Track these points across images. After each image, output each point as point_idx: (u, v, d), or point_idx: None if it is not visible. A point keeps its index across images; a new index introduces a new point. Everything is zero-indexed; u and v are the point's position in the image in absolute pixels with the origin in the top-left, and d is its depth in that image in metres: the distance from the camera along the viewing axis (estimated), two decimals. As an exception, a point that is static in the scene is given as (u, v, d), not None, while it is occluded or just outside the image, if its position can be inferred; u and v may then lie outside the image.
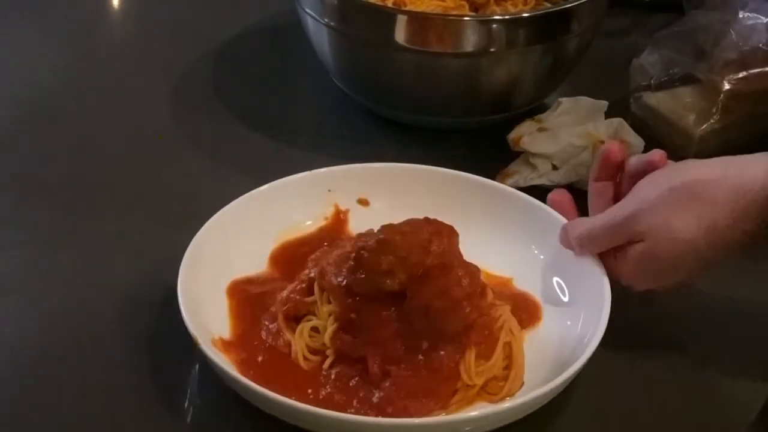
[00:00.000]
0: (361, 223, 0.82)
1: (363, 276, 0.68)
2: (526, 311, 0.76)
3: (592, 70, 1.02)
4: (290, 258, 0.80)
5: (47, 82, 1.07)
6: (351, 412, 0.67)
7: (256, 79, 1.07)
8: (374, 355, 0.69)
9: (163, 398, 0.70)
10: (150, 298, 0.77)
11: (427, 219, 0.72)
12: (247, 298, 0.75)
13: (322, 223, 0.83)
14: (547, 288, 0.78)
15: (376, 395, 0.68)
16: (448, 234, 0.71)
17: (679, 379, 0.74)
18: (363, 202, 0.85)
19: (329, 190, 0.84)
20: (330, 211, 0.84)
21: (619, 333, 0.73)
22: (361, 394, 0.68)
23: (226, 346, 0.71)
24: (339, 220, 0.84)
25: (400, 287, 0.68)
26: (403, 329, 0.69)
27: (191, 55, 1.11)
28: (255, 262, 0.79)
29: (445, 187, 0.84)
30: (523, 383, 0.70)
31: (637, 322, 0.77)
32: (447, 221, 0.73)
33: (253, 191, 0.80)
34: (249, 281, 0.77)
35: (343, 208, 0.84)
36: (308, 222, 0.83)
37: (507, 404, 0.66)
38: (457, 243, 0.71)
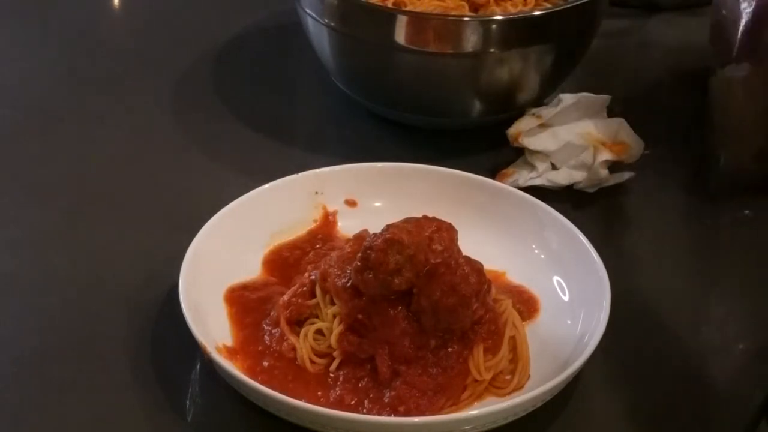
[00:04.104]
0: (349, 224, 0.82)
1: (371, 276, 0.68)
2: (524, 304, 0.76)
3: (592, 70, 1.02)
4: (284, 262, 0.80)
5: (47, 82, 1.07)
6: (363, 413, 0.67)
7: (256, 79, 1.07)
8: (383, 355, 0.69)
9: (164, 398, 0.70)
10: (150, 298, 0.77)
11: (426, 217, 0.72)
12: (246, 304, 0.75)
13: (311, 225, 0.83)
14: (547, 287, 0.78)
15: (387, 395, 0.68)
16: (448, 231, 0.71)
17: (680, 379, 0.74)
18: (350, 203, 0.85)
19: (316, 192, 0.84)
20: (318, 213, 0.84)
21: (619, 333, 0.73)
22: (371, 395, 0.68)
23: (230, 353, 0.71)
24: (328, 221, 0.84)
25: (407, 286, 0.68)
26: (411, 328, 0.69)
27: (191, 55, 1.11)
28: (248, 268, 0.79)
29: (437, 185, 0.84)
30: (529, 376, 0.70)
31: (637, 322, 0.77)
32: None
33: (241, 198, 0.80)
34: (245, 287, 0.77)
35: (331, 209, 0.84)
36: (297, 225, 0.83)
37: (520, 398, 0.66)
38: (457, 240, 0.71)
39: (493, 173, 0.90)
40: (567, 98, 0.91)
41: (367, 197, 0.85)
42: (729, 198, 0.90)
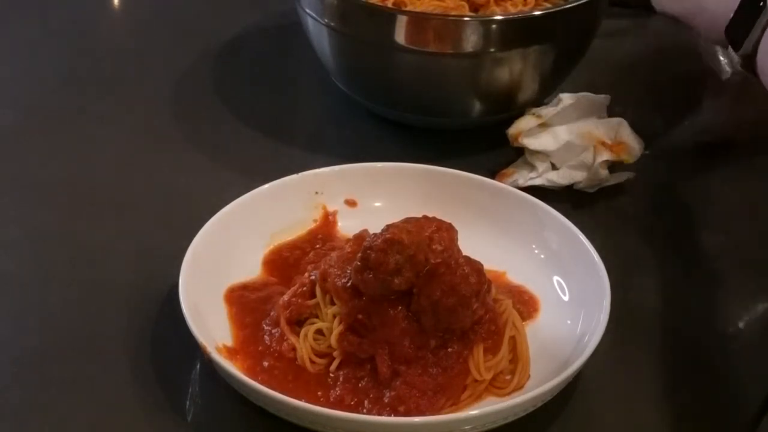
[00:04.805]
0: (349, 224, 0.82)
1: (371, 276, 0.68)
2: (524, 304, 0.76)
3: (592, 70, 1.02)
4: (284, 262, 0.80)
5: (47, 82, 1.07)
6: (363, 413, 0.67)
7: (256, 80, 1.07)
8: (383, 355, 0.69)
9: (164, 398, 0.70)
10: (150, 298, 0.77)
11: (426, 217, 0.72)
12: (246, 304, 0.75)
13: (311, 225, 0.83)
14: (547, 287, 0.78)
15: (387, 395, 0.68)
16: (448, 231, 0.71)
17: (680, 378, 0.74)
18: (350, 203, 0.85)
19: (316, 192, 0.84)
20: (318, 213, 0.84)
21: (619, 333, 0.73)
22: (371, 395, 0.68)
23: (230, 353, 0.71)
24: (328, 221, 0.84)
25: (407, 286, 0.68)
26: (411, 328, 0.69)
27: (191, 55, 1.11)
28: (248, 268, 0.79)
29: (437, 185, 0.84)
30: (529, 376, 0.70)
31: (637, 321, 0.77)
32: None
33: (241, 197, 0.80)
34: (245, 287, 0.77)
35: (331, 209, 0.84)
36: (297, 225, 0.83)
37: (520, 398, 0.66)
38: (457, 240, 0.71)
39: (493, 173, 0.90)
40: (567, 98, 0.91)
41: (367, 197, 0.85)
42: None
